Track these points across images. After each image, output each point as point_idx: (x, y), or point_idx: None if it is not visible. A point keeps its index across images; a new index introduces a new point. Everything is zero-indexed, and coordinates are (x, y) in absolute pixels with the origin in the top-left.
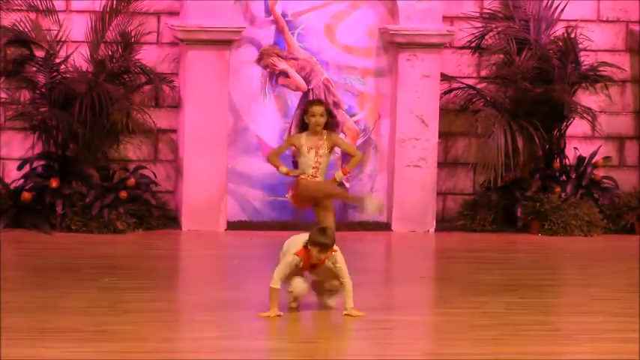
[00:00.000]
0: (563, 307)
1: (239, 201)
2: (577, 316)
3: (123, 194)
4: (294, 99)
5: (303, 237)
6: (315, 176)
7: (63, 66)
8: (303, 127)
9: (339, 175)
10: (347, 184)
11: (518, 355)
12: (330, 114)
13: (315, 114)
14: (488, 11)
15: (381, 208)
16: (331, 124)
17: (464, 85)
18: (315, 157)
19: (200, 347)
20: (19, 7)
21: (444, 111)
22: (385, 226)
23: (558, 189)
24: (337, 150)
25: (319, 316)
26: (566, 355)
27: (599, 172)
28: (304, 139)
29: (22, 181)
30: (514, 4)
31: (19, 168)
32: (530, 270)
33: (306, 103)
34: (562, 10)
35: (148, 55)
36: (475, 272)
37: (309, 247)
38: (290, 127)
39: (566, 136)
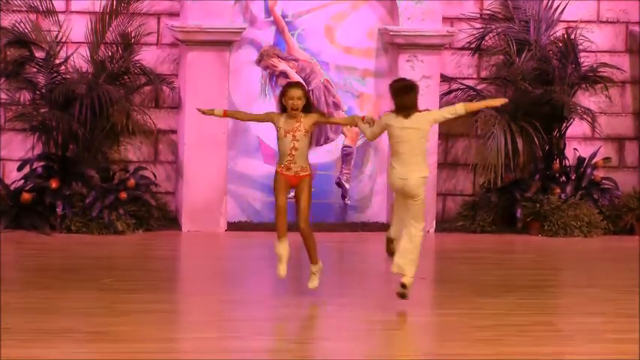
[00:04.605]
0: (563, 308)
1: (239, 202)
2: (577, 317)
3: (123, 195)
4: None
5: None
6: (290, 167)
7: (63, 67)
8: (281, 110)
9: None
10: (347, 185)
11: (518, 355)
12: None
13: (292, 97)
14: (488, 12)
15: None
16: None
17: (464, 86)
18: (291, 141)
19: (200, 347)
20: (19, 8)
21: None
22: (385, 227)
23: (558, 190)
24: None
25: (319, 316)
26: (566, 356)
27: (599, 173)
28: (282, 122)
29: (22, 181)
30: (514, 4)
31: (19, 169)
32: (530, 271)
33: (284, 86)
34: (562, 11)
35: (148, 56)
36: (475, 273)
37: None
38: None
39: (566, 137)
